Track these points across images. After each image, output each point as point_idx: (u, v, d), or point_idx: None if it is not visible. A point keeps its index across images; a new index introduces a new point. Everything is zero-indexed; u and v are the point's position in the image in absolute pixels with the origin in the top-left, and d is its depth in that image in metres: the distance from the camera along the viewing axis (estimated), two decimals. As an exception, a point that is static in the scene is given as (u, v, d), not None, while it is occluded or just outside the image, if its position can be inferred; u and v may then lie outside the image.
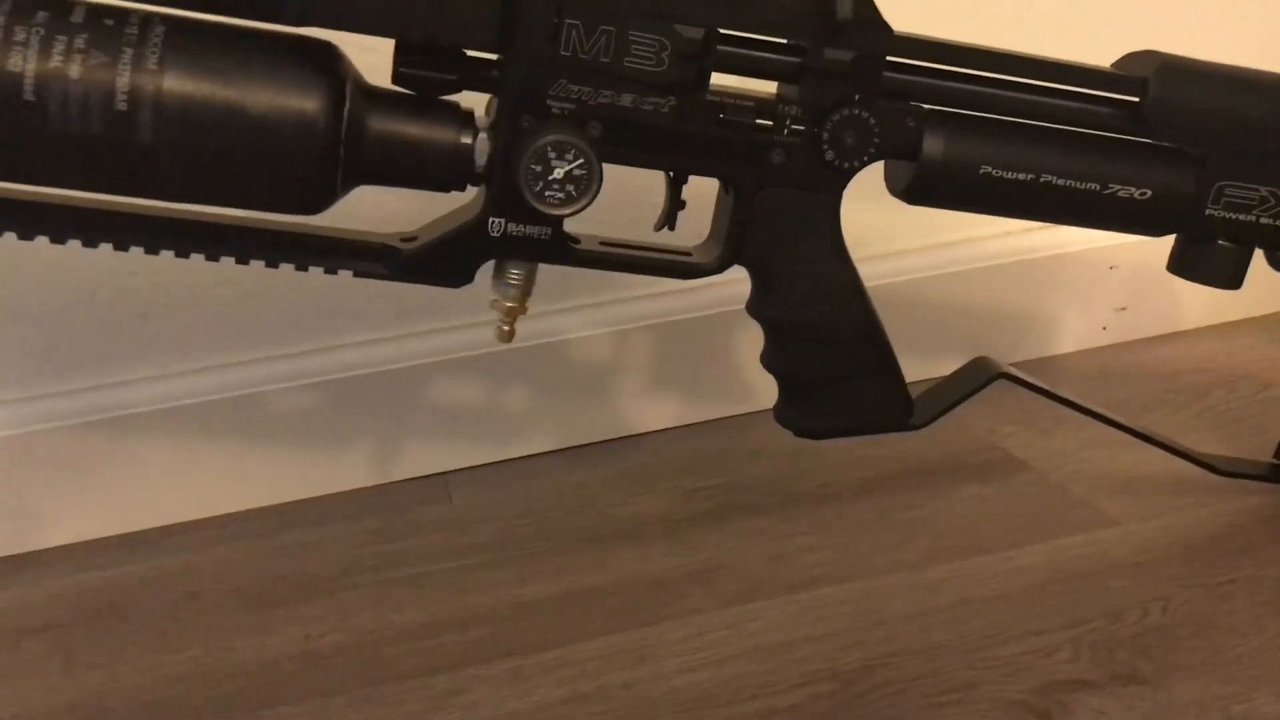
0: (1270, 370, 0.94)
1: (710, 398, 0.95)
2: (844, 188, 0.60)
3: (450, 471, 0.90)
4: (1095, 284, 1.01)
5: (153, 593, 0.76)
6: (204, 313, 0.84)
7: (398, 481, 0.89)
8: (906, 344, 1.00)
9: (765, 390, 0.67)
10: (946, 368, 1.01)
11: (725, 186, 0.60)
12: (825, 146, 0.58)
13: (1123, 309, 1.03)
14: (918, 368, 0.99)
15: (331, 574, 0.76)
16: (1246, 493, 0.75)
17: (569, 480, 0.86)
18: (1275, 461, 0.76)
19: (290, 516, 0.85)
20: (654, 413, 0.94)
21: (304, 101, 0.51)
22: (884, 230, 0.96)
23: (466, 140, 0.54)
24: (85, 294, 0.81)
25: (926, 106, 0.60)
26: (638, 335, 0.91)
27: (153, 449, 0.83)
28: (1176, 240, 0.66)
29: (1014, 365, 1.01)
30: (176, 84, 0.49)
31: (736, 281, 0.63)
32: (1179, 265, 0.66)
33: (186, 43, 0.50)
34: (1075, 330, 1.03)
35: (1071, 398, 0.69)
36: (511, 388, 0.91)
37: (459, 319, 0.88)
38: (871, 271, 0.97)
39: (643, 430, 0.93)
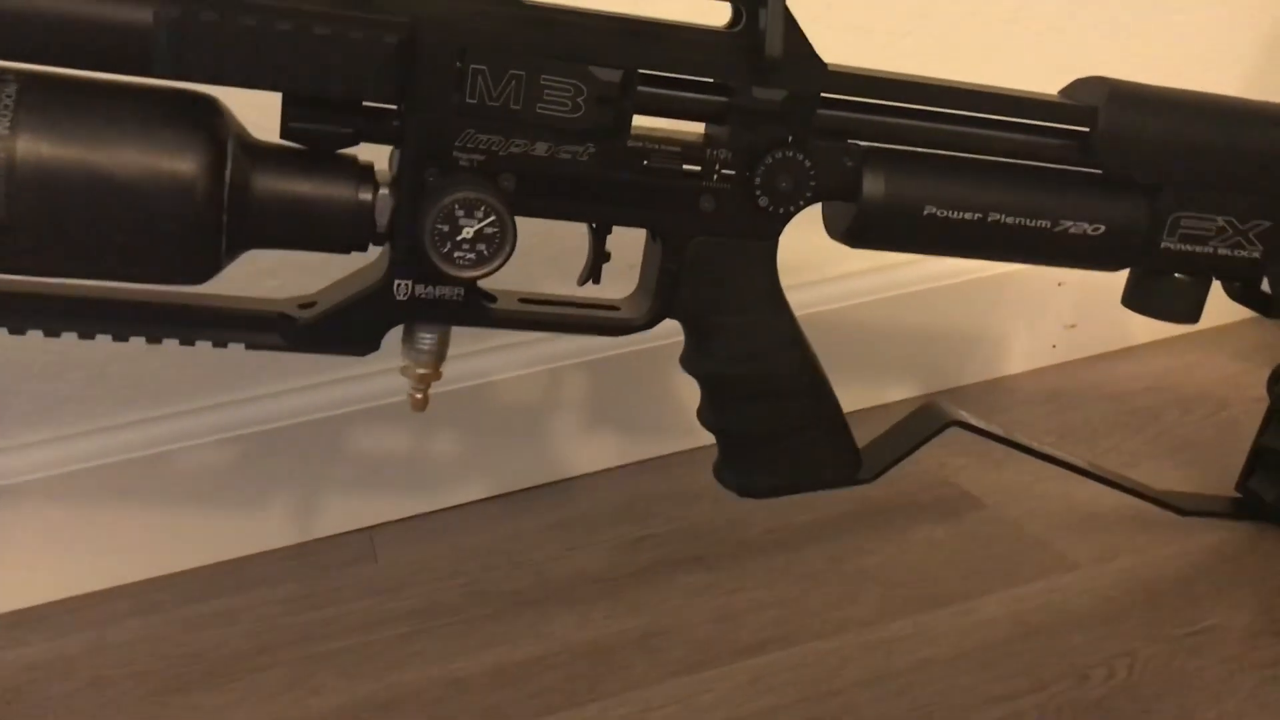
0: (1225, 388, 0.91)
1: (650, 435, 0.91)
2: (779, 233, 0.55)
3: (376, 525, 0.84)
4: (1043, 302, 0.98)
5: (52, 680, 0.70)
6: (103, 369, 0.78)
7: (321, 539, 0.83)
8: (853, 371, 0.97)
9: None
10: (894, 394, 0.99)
11: (653, 235, 0.56)
12: (758, 192, 0.53)
13: (1072, 326, 1.00)
14: (865, 395, 0.96)
15: (248, 650, 0.71)
16: (1209, 528, 0.72)
17: (502, 532, 0.82)
18: (1237, 495, 0.73)
19: (207, 582, 0.80)
20: (591, 454, 0.89)
21: (179, 164, 0.46)
22: (826, 254, 0.91)
23: (366, 197, 0.50)
24: (-31, 355, 0.75)
25: (865, 144, 0.56)
26: (570, 373, 0.86)
27: (54, 517, 0.77)
28: (1131, 274, 0.63)
29: (962, 387, 0.99)
30: (31, 151, 0.44)
31: None
32: (1134, 300, 0.62)
33: (42, 102, 0.45)
34: (1024, 349, 1.00)
35: (1026, 441, 0.65)
36: (438, 434, 0.86)
37: (380, 364, 0.83)
38: (814, 297, 0.95)
39: (580, 473, 0.88)
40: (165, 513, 0.81)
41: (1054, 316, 0.99)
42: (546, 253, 0.75)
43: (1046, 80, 0.62)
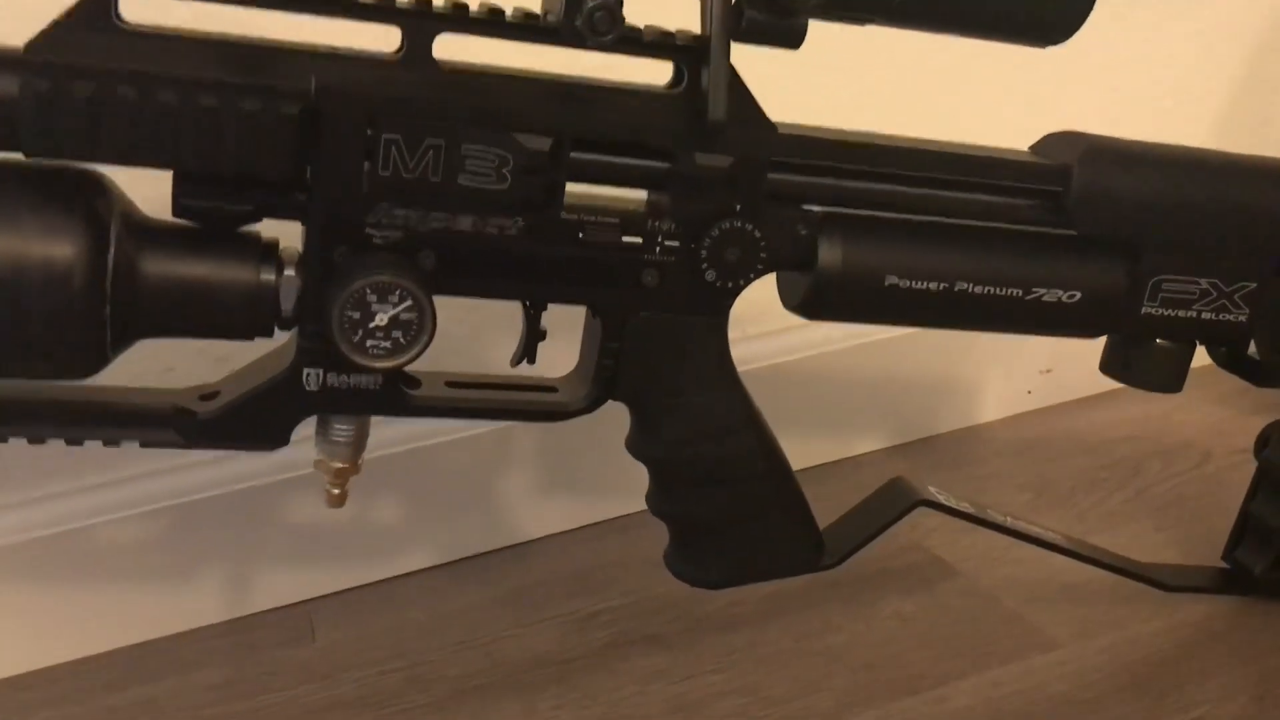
0: (1207, 436, 0.87)
1: (606, 496, 0.86)
2: (729, 308, 0.51)
3: (314, 599, 0.79)
4: (1018, 346, 0.94)
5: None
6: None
7: (254, 614, 0.78)
8: (820, 422, 0.93)
9: None
10: (863, 445, 0.94)
11: (592, 312, 0.51)
12: (704, 265, 0.49)
13: (1048, 371, 0.97)
14: (833, 447, 0.92)
15: (169, 747, 0.66)
16: (1193, 600, 0.68)
17: (449, 607, 0.77)
18: (1224, 566, 0.69)
19: (130, 666, 0.74)
20: (542, 517, 0.84)
21: (52, 251, 0.41)
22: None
23: (269, 278, 0.45)
24: None
25: (820, 209, 0.51)
26: (519, 432, 0.82)
27: (-41, 601, 0.72)
28: (1110, 339, 0.59)
29: (935, 437, 0.95)
30: (-118, 240, 0.39)
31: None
32: (1113, 368, 0.58)
33: (-105, 185, 0.40)
34: (999, 396, 0.96)
35: (999, 520, 0.61)
36: (379, 501, 0.81)
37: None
38: (779, 346, 0.91)
39: (530, 538, 0.84)
40: (84, 591, 0.75)
41: (1029, 361, 0.95)
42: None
43: (1016, 127, 0.58)
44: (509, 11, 0.45)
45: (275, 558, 0.79)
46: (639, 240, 0.48)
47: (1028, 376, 0.96)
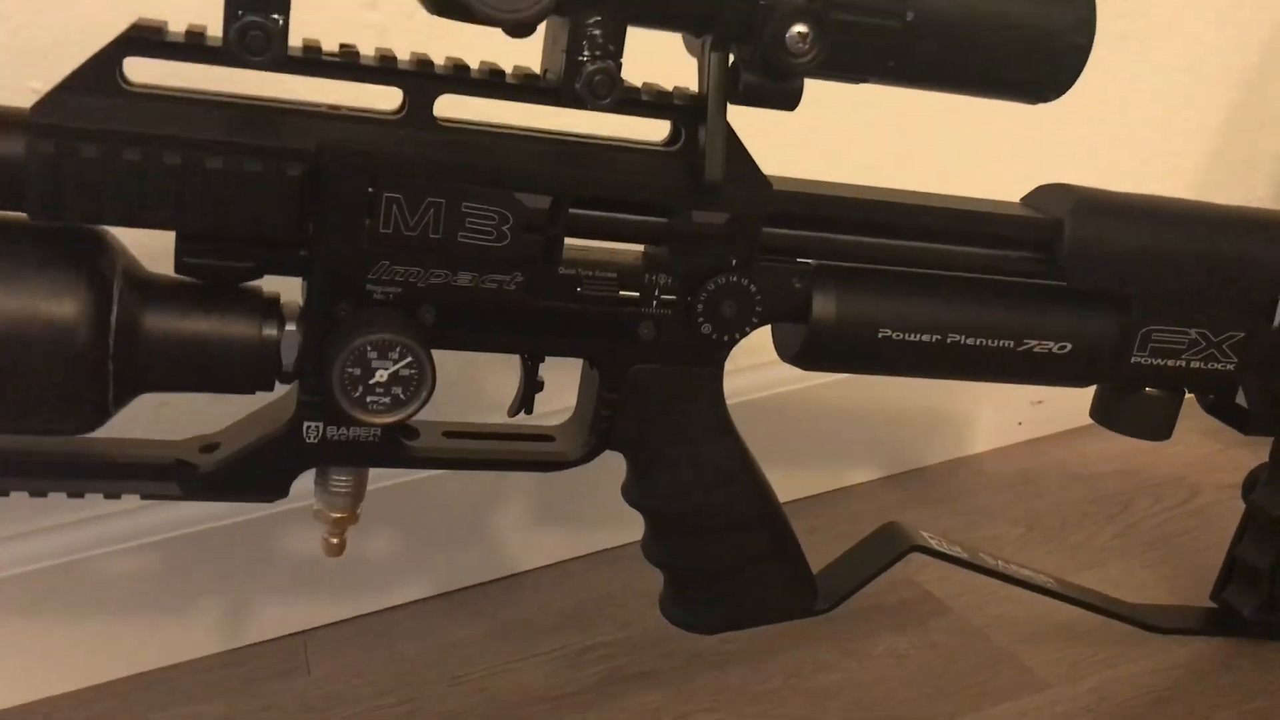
0: (1196, 471, 0.88)
1: (599, 527, 0.86)
2: (725, 359, 0.52)
3: (310, 630, 0.79)
4: (1009, 379, 0.95)
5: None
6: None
7: (250, 645, 0.78)
8: (812, 454, 0.93)
9: None
10: (855, 476, 0.95)
11: (590, 363, 0.52)
12: (700, 319, 0.49)
13: (1039, 402, 0.97)
14: (825, 478, 0.92)
15: (166, 784, 0.66)
16: (1182, 640, 0.68)
17: (442, 640, 0.77)
18: (1213, 606, 0.69)
19: (126, 699, 0.74)
20: (535, 549, 0.85)
21: (56, 309, 0.41)
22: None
23: (271, 334, 0.45)
24: None
25: (814, 262, 0.52)
26: (514, 465, 0.82)
27: (-44, 634, 0.72)
28: (1100, 387, 0.59)
29: (926, 468, 0.95)
30: (-112, 302, 0.39)
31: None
32: (1103, 416, 0.59)
33: (-99, 245, 0.40)
34: (990, 428, 0.96)
35: (991, 564, 0.62)
36: (374, 532, 0.81)
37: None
38: (771, 379, 0.91)
39: (523, 569, 0.84)
40: (82, 623, 0.76)
41: (1020, 393, 0.96)
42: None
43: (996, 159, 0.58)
44: (509, 72, 0.46)
45: (270, 589, 0.79)
46: (636, 294, 0.49)
47: (1018, 408, 0.97)
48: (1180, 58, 0.94)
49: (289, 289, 0.49)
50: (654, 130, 0.50)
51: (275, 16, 0.40)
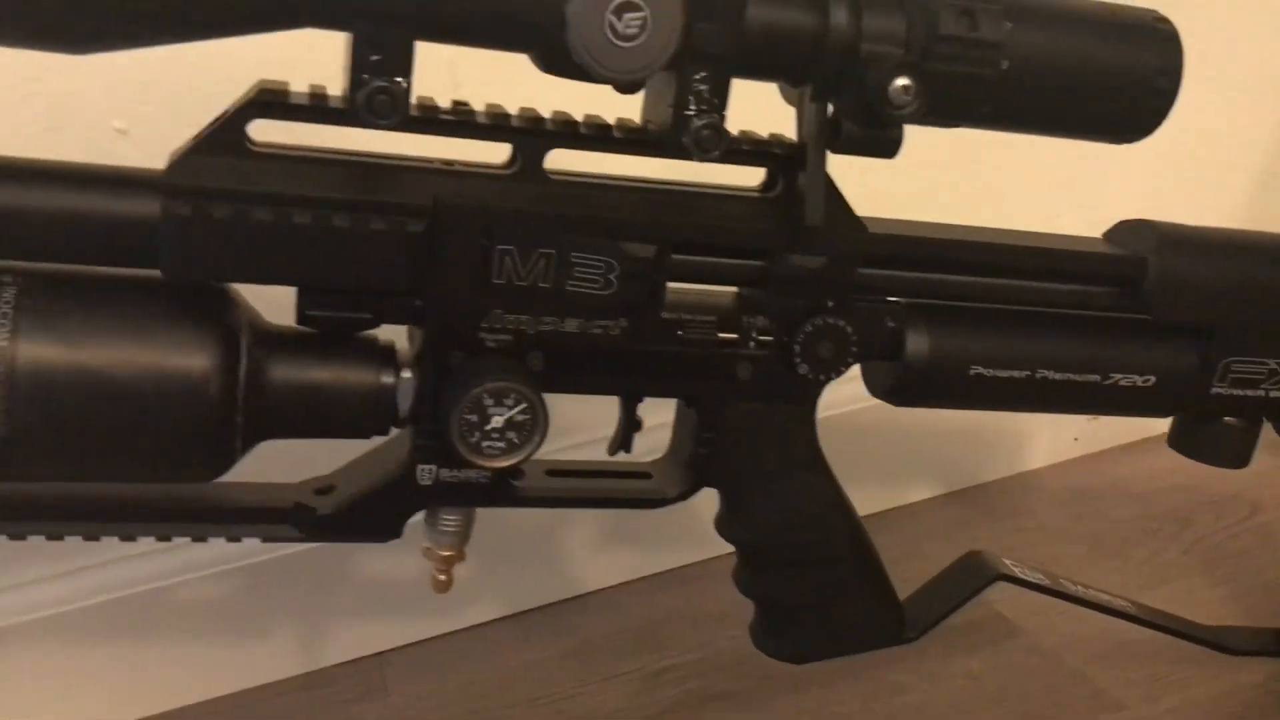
0: (1255, 487, 0.89)
1: (663, 547, 0.88)
2: (818, 397, 0.53)
3: (387, 651, 0.81)
4: (1065, 395, 0.96)
5: None
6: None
7: (329, 668, 0.80)
8: (873, 472, 0.94)
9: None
10: (915, 494, 0.96)
11: (687, 403, 0.53)
12: (798, 359, 0.51)
13: (1093, 419, 0.98)
14: (886, 496, 0.94)
15: (260, 807, 0.68)
16: (1257, 660, 0.69)
17: (516, 661, 0.78)
18: (1287, 627, 0.70)
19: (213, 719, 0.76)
20: (604, 569, 0.86)
21: (189, 363, 0.43)
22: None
23: (388, 381, 0.47)
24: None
25: (906, 300, 0.53)
26: (583, 487, 0.83)
27: (52, 656, 0.74)
28: (1179, 418, 0.60)
29: (984, 485, 0.96)
30: (32, 358, 0.41)
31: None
32: (1182, 445, 0.60)
33: (43, 306, 0.42)
34: (1046, 444, 0.97)
35: (1073, 590, 0.63)
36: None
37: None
38: (831, 399, 0.92)
39: (592, 589, 0.85)
40: (165, 648, 0.77)
41: (1076, 409, 0.97)
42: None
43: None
44: (615, 125, 0.47)
45: (346, 612, 0.81)
46: (734, 336, 0.50)
47: (1074, 423, 0.98)
48: (1233, 79, 0.95)
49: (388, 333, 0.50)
50: (736, 174, 0.51)
51: (399, 80, 0.41)
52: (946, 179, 0.84)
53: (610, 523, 0.85)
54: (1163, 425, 0.99)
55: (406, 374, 0.47)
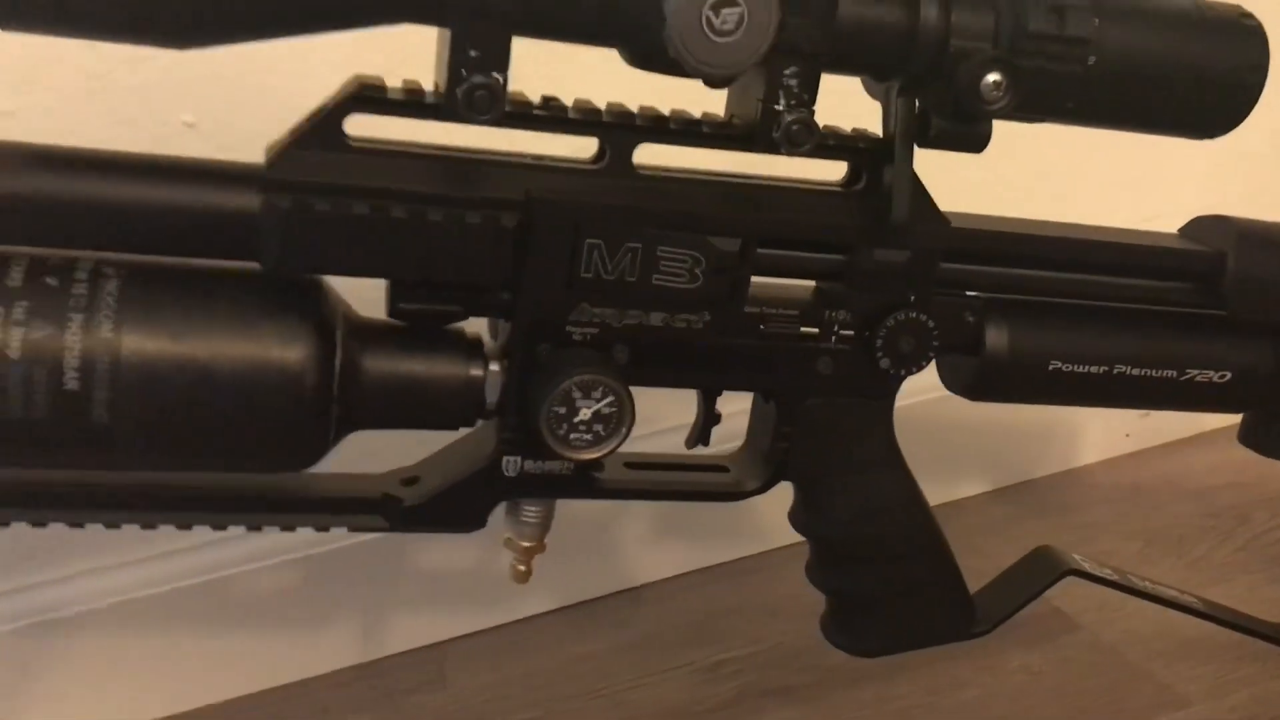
0: (1310, 484, 0.89)
1: (714, 540, 0.88)
2: (896, 391, 0.53)
3: (445, 642, 0.82)
4: (1117, 391, 0.96)
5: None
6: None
7: (386, 658, 0.81)
8: (925, 467, 0.94)
9: (773, 529, 0.68)
10: (967, 489, 0.96)
11: (765, 397, 0.53)
12: (879, 354, 0.51)
13: (1145, 415, 0.98)
14: (938, 491, 0.93)
15: (329, 794, 0.68)
16: (1320, 657, 0.69)
17: (573, 653, 0.79)
18: (1350, 624, 0.70)
19: (276, 707, 0.77)
20: (658, 562, 0.86)
21: (287, 355, 0.43)
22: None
23: (476, 373, 0.47)
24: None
25: (985, 295, 0.53)
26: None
27: (114, 645, 0.75)
28: (1249, 414, 0.60)
29: (1036, 480, 0.96)
30: (136, 350, 0.41)
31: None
32: (1256, 442, 0.60)
33: (144, 296, 0.42)
34: (1098, 440, 0.97)
35: (1143, 586, 0.62)
36: (502, 547, 0.83)
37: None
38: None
39: (647, 581, 0.86)
40: (228, 637, 0.78)
41: (1127, 405, 0.97)
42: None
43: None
44: (702, 120, 0.47)
45: (404, 603, 0.81)
46: (816, 330, 0.50)
47: (1126, 420, 0.98)
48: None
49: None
50: (809, 168, 0.51)
51: (496, 75, 0.42)
52: (1000, 174, 0.84)
53: (662, 516, 0.86)
54: (1215, 422, 0.99)
55: (494, 366, 0.47)
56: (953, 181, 0.53)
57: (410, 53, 0.45)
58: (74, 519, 0.46)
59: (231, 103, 0.68)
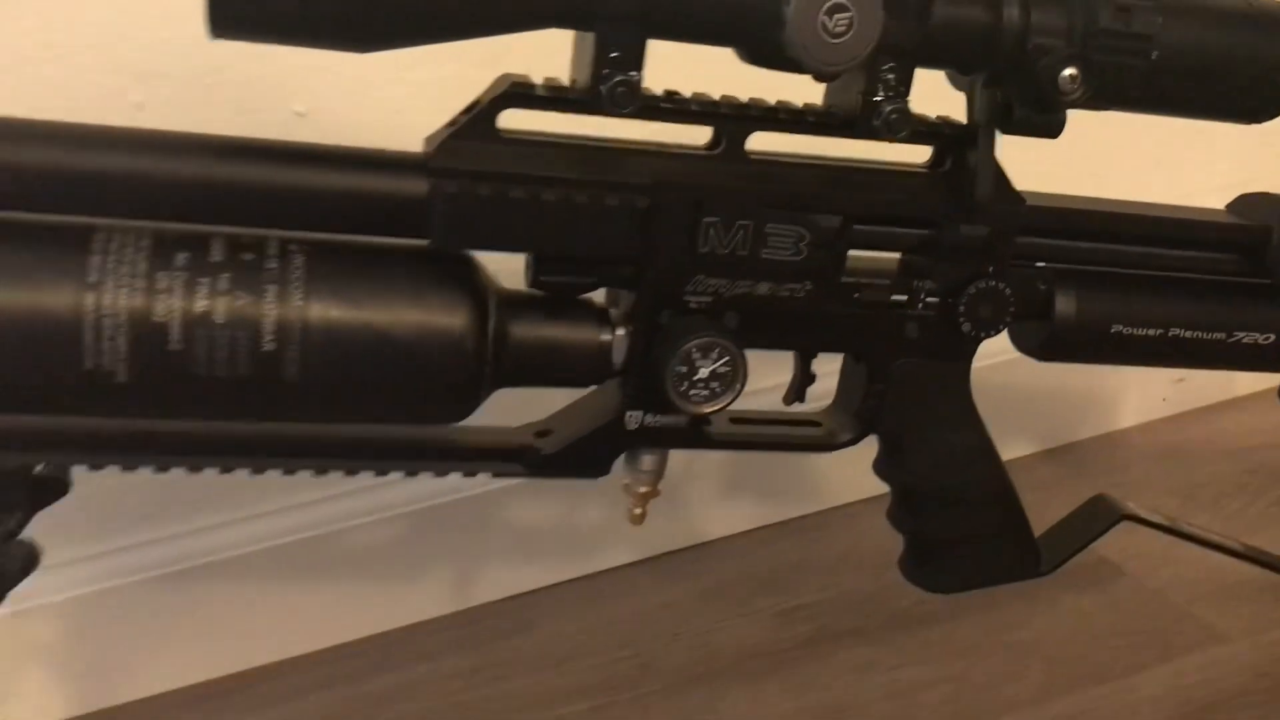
0: (1343, 443, 0.94)
1: (778, 499, 0.94)
2: (974, 353, 0.59)
3: (532, 591, 0.88)
4: (1155, 358, 1.01)
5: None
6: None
7: (479, 606, 0.87)
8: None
9: (833, 488, 0.77)
10: (1013, 451, 1.02)
11: (855, 358, 0.59)
12: (961, 319, 0.57)
13: (1181, 380, 1.03)
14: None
15: (442, 727, 0.75)
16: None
17: (654, 601, 0.85)
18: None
19: (374, 655, 0.83)
20: (727, 518, 0.93)
21: (452, 321, 0.49)
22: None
23: (606, 338, 0.53)
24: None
25: (1055, 266, 0.59)
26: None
27: (235, 594, 0.81)
28: (1291, 373, 0.66)
29: (1078, 443, 1.02)
30: (322, 316, 0.47)
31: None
32: (1295, 398, 0.66)
33: (327, 270, 0.48)
34: (1136, 404, 1.03)
35: (1194, 531, 0.68)
36: (586, 503, 0.89)
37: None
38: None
39: (716, 536, 0.92)
40: (333, 587, 0.85)
41: (1164, 371, 1.02)
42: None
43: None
44: (807, 110, 0.53)
45: (493, 556, 0.88)
46: (904, 298, 0.56)
47: (1162, 385, 1.03)
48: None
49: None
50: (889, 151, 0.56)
51: (633, 74, 0.48)
52: (1044, 154, 0.89)
53: (730, 476, 0.92)
54: (1247, 387, 1.05)
55: (620, 332, 0.53)
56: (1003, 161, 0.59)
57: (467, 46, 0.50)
58: (257, 465, 0.52)
59: (338, 94, 0.74)
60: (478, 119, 0.49)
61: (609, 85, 0.47)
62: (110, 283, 0.45)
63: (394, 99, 0.74)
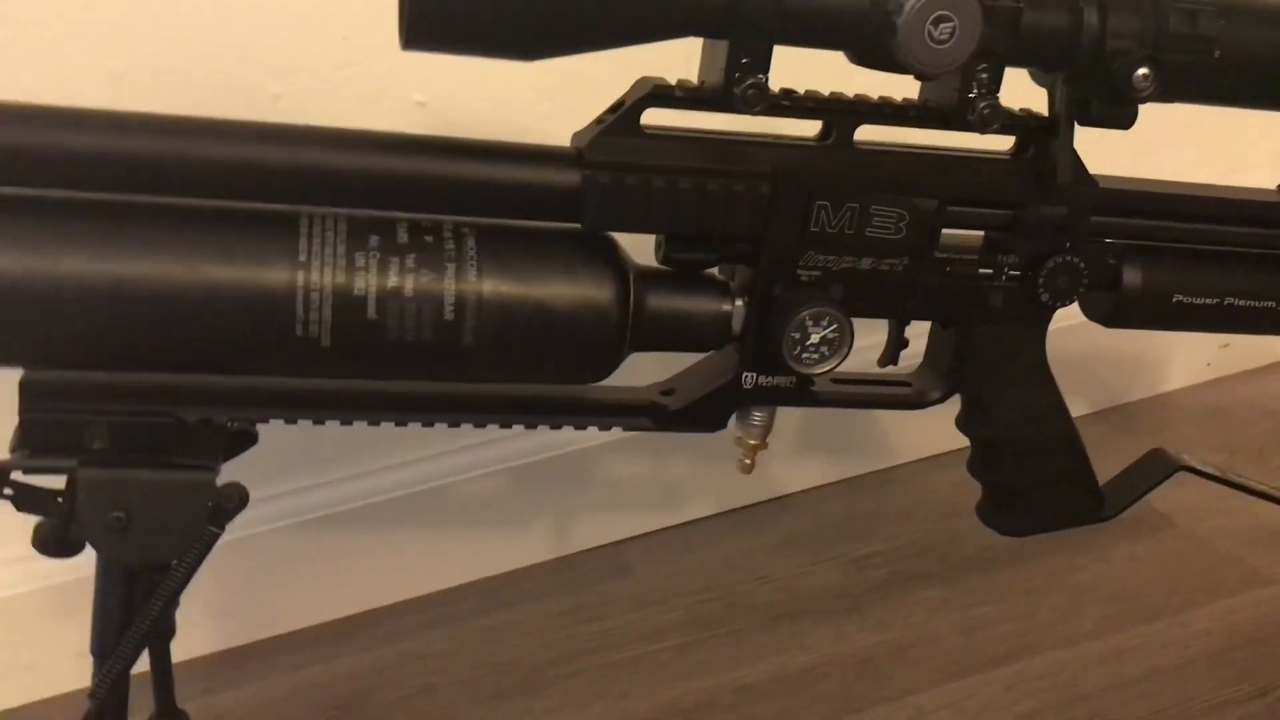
0: (1378, 404, 1.01)
1: (849, 456, 1.01)
2: (1050, 320, 0.66)
3: (624, 540, 0.96)
4: (1201, 324, 1.08)
5: (388, 686, 0.82)
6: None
7: (576, 553, 0.95)
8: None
9: (899, 446, 0.83)
10: (1071, 411, 1.09)
11: (944, 325, 0.66)
12: (1040, 290, 0.64)
13: (1225, 345, 1.10)
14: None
15: (548, 659, 0.83)
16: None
17: (738, 548, 0.93)
18: None
19: (484, 597, 0.91)
20: (803, 473, 1.00)
21: (600, 295, 0.56)
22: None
23: (726, 308, 0.60)
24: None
25: (1122, 242, 0.66)
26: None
27: (360, 540, 0.89)
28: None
29: (1127, 404, 1.09)
30: (493, 290, 0.55)
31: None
32: (1338, 361, 0.72)
33: (495, 249, 0.56)
34: (1182, 368, 1.09)
35: (1248, 482, 0.75)
36: (674, 459, 0.97)
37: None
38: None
39: (791, 491, 0.99)
40: (446, 534, 0.93)
41: (1210, 337, 1.08)
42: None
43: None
44: (908, 104, 0.60)
45: (590, 506, 0.96)
46: (990, 271, 0.63)
47: (1207, 350, 1.10)
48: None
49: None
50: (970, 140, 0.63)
51: (761, 76, 0.55)
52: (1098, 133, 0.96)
53: (804, 434, 0.99)
54: (1287, 352, 1.11)
55: (738, 302, 0.60)
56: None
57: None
58: (428, 419, 0.60)
59: (456, 85, 0.81)
60: (624, 117, 0.56)
61: (741, 87, 0.54)
62: (317, 262, 0.52)
63: (501, 91, 0.81)
